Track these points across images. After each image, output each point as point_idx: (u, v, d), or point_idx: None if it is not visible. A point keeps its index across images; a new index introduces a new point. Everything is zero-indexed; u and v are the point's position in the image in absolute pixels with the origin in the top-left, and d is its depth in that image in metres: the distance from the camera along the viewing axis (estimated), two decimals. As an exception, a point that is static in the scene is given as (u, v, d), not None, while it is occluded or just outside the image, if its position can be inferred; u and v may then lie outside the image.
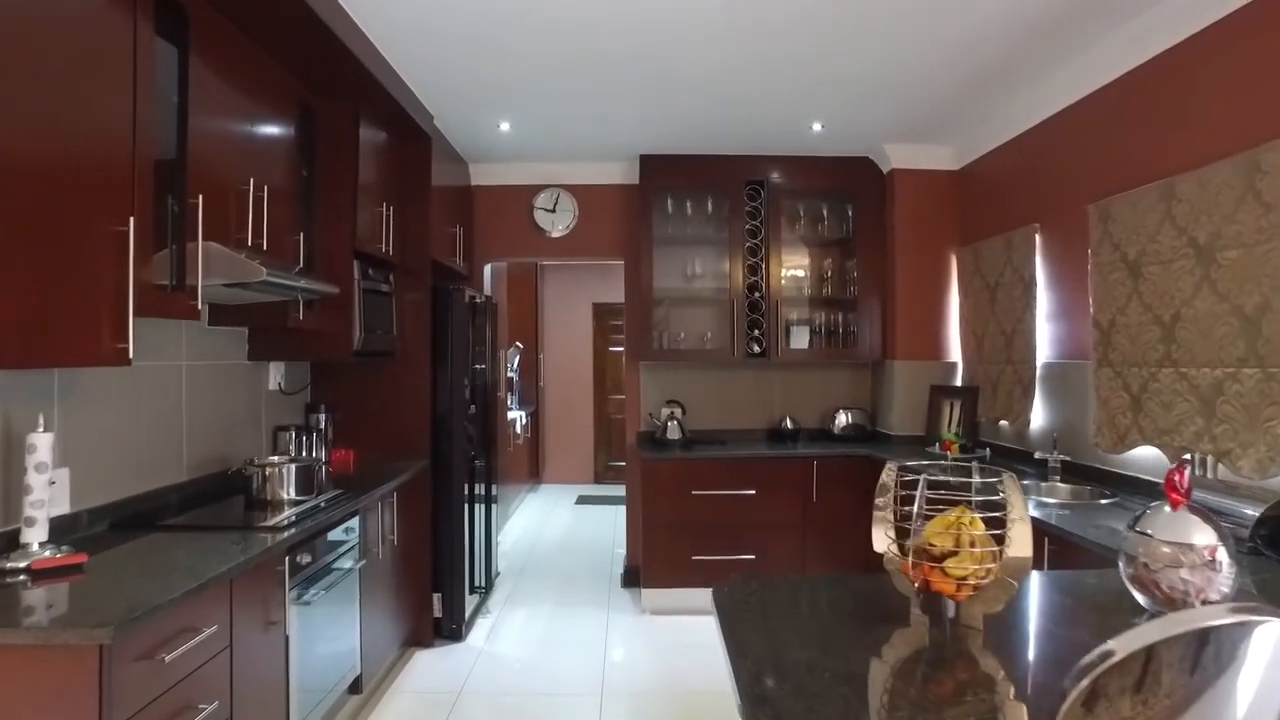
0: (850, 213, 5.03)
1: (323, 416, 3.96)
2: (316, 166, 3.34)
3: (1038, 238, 3.83)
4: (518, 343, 8.12)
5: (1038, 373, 3.83)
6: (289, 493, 2.83)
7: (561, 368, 9.35)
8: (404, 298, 4.04)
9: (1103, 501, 3.00)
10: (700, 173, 4.94)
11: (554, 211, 5.20)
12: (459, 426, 4.17)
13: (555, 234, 5.22)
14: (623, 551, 5.43)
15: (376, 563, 3.28)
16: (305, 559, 2.54)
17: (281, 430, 3.61)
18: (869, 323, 4.95)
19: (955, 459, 3.91)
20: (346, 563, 2.94)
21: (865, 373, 5.27)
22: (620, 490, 8.67)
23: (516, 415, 7.43)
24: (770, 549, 4.58)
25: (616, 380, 9.35)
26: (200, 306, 2.32)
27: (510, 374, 7.86)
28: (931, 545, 1.59)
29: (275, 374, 3.63)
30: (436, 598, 4.13)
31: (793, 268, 5.14)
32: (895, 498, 1.74)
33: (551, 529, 7.03)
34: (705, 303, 5.16)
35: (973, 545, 1.56)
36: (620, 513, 7.55)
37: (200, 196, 2.31)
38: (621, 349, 9.44)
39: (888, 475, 1.77)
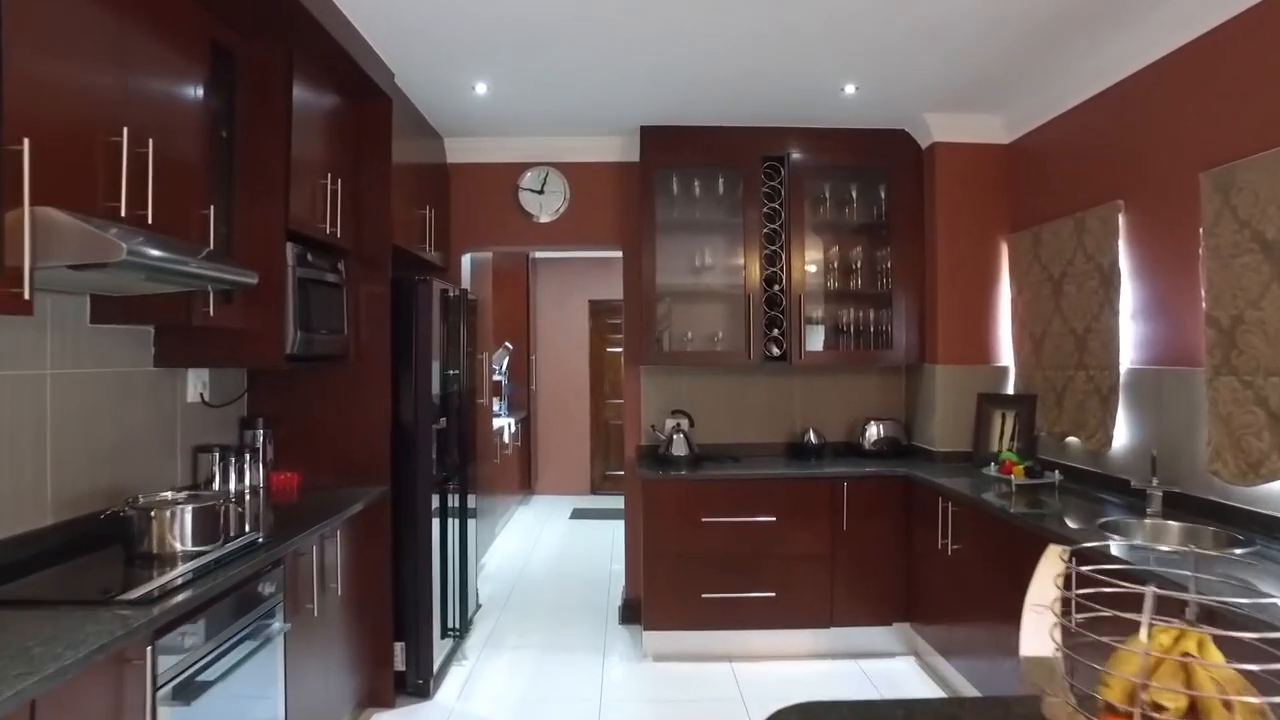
0: (883, 194, 4.37)
1: (260, 434, 3.30)
2: (237, 126, 2.68)
3: (1121, 218, 3.17)
4: (507, 343, 7.46)
5: (1121, 380, 3.17)
6: (183, 541, 2.16)
7: (555, 370, 8.69)
8: (359, 291, 3.38)
9: (1237, 551, 2.34)
10: (710, 147, 4.28)
11: (542, 193, 4.53)
12: (425, 443, 3.50)
13: (544, 219, 4.56)
14: (620, 568, 4.76)
15: (312, 621, 2.61)
16: (190, 639, 1.88)
17: (203, 452, 2.95)
18: (904, 321, 4.29)
19: (1019, 483, 3.26)
20: (267, 626, 2.28)
21: (898, 378, 4.61)
22: (618, 503, 8.02)
23: (505, 422, 6.77)
24: (794, 586, 3.92)
25: (615, 384, 8.70)
26: (28, 296, 1.66)
27: (498, 377, 7.20)
28: (1158, 713, 0.91)
29: (195, 383, 2.97)
30: (399, 648, 3.47)
31: (817, 258, 4.48)
32: (1067, 599, 1.07)
33: (543, 549, 6.37)
34: (716, 298, 4.50)
35: (1228, 707, 0.89)
36: (618, 529, 6.90)
37: (26, 142, 1.65)
38: (620, 350, 8.80)
39: (1056, 561, 1.10)
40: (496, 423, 6.44)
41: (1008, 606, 2.87)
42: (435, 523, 3.67)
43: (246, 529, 2.46)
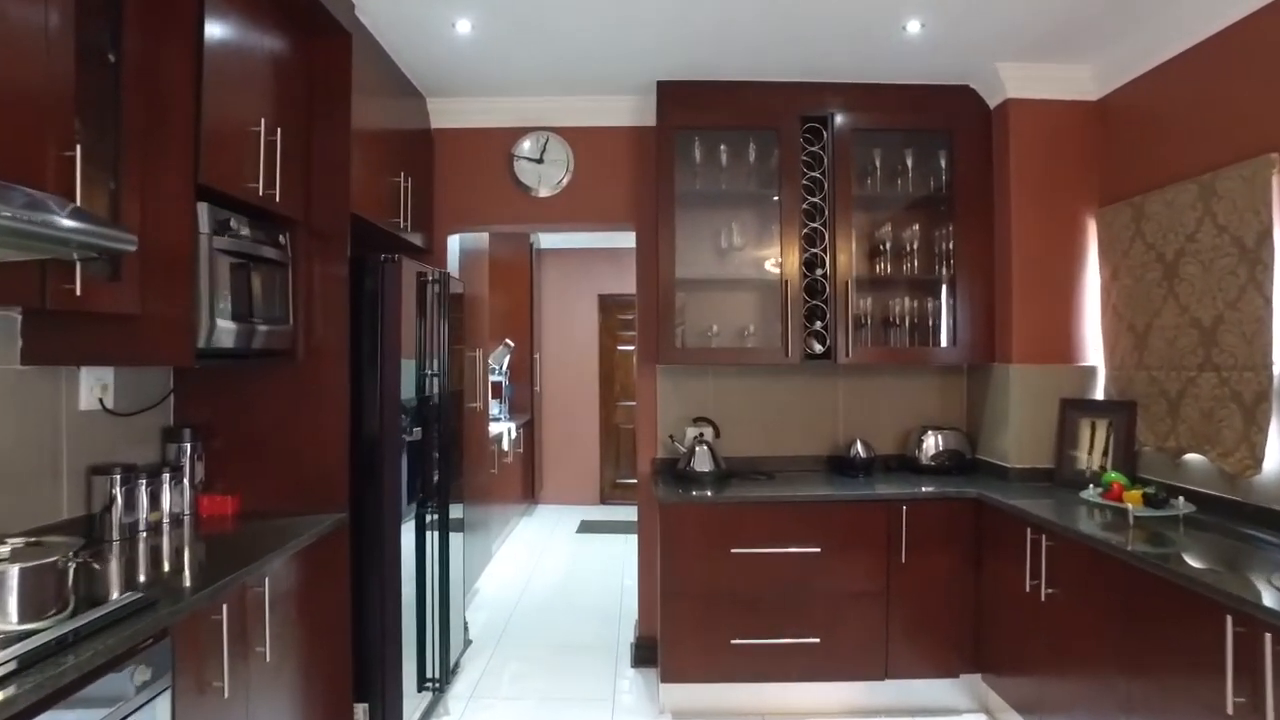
0: (943, 162, 3.69)
1: (187, 448, 2.66)
2: (126, 48, 2.03)
3: (1276, 178, 2.48)
4: (508, 340, 6.81)
5: (1275, 385, 2.49)
6: (8, 615, 1.51)
7: (561, 370, 8.04)
8: (310, 271, 2.73)
9: None
10: (740, 106, 3.61)
11: (541, 162, 3.88)
12: (394, 458, 2.86)
13: (543, 193, 3.90)
14: (633, 587, 4.09)
15: (222, 704, 1.96)
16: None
17: (99, 474, 2.31)
18: (969, 313, 3.61)
19: (1139, 513, 2.58)
20: (142, 726, 1.63)
21: (959, 380, 3.93)
22: (629, 514, 7.35)
23: (505, 428, 6.13)
24: (841, 629, 3.25)
25: (626, 385, 8.04)
26: None
27: (498, 378, 6.56)
28: None
29: (92, 385, 2.33)
30: (360, 710, 2.82)
31: (865, 238, 3.80)
32: None
33: (545, 569, 5.71)
34: (746, 286, 3.84)
35: None
36: (630, 544, 6.24)
37: None
38: (632, 348, 8.15)
39: None
40: (494, 428, 5.79)
41: (1128, 667, 2.20)
42: (411, 553, 3.03)
43: (131, 585, 1.81)
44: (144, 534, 2.39)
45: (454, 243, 4.11)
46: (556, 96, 3.82)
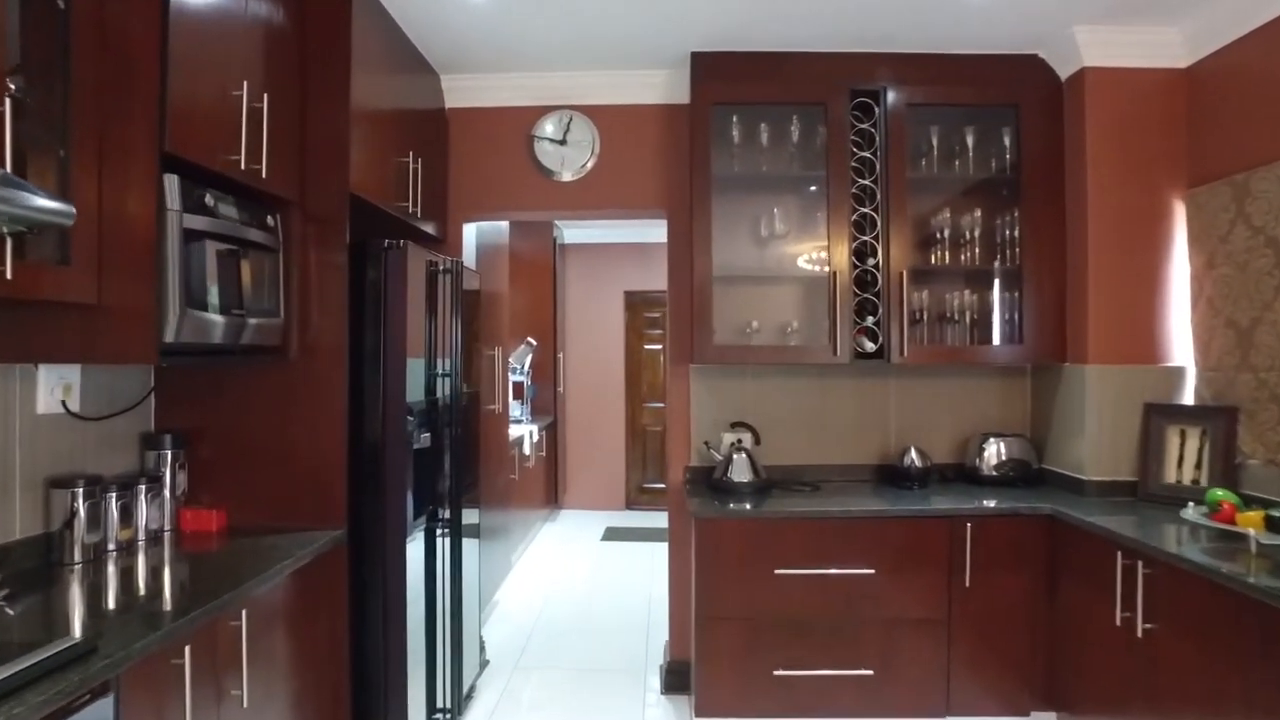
0: (1008, 141, 3.33)
1: (168, 456, 2.37)
2: (80, -8, 1.74)
3: None
4: (530, 338, 6.52)
5: None
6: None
7: (586, 370, 7.74)
8: (305, 258, 2.44)
9: None
10: (783, 79, 3.27)
11: (564, 144, 3.56)
12: (399, 468, 2.56)
13: (566, 177, 3.58)
14: (662, 596, 3.76)
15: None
16: None
17: (59, 488, 2.02)
18: (1037, 307, 3.25)
19: (1263, 540, 2.21)
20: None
21: (1022, 382, 3.56)
22: (657, 520, 7.04)
23: (526, 431, 5.83)
24: (898, 660, 2.90)
25: (654, 385, 7.73)
26: None
27: (519, 378, 6.27)
28: None
29: (53, 385, 2.04)
30: (361, 750, 2.53)
31: (920, 225, 3.45)
32: None
33: (568, 580, 5.40)
34: (788, 278, 3.50)
35: None
36: (658, 553, 5.92)
37: None
38: (660, 347, 7.82)
39: None
40: (515, 431, 5.49)
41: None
42: (419, 570, 2.73)
43: (82, 621, 1.52)
44: (113, 554, 2.11)
45: (470, 234, 3.81)
46: (581, 71, 3.50)
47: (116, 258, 1.77)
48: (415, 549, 2.71)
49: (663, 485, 7.90)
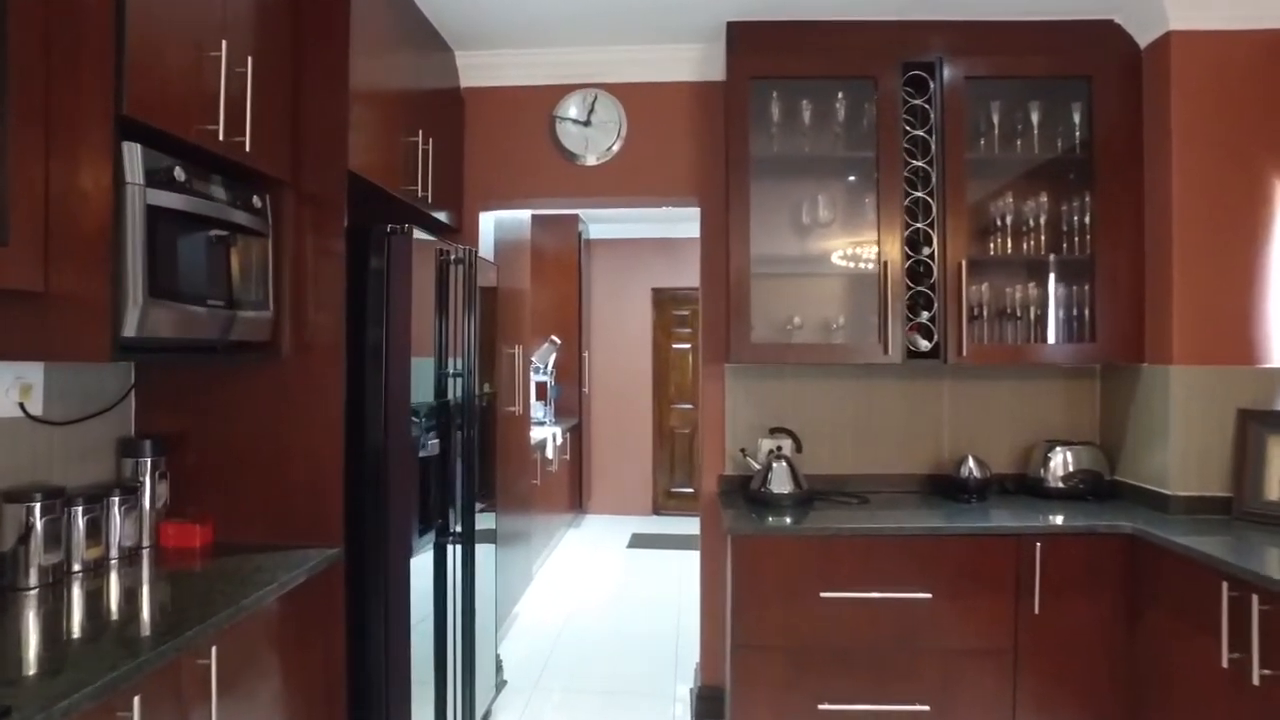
0: (1078, 116, 3.00)
1: (148, 464, 2.14)
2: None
3: None
4: (554, 337, 6.27)
5: None
6: None
7: (612, 369, 7.47)
8: (299, 244, 2.19)
9: None
10: (829, 51, 2.98)
11: (588, 125, 3.30)
12: (405, 478, 2.30)
13: (590, 161, 3.32)
14: (690, 607, 3.49)
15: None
16: None
17: (13, 503, 1.79)
18: (1112, 301, 2.92)
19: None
20: None
21: (1090, 384, 3.23)
22: (685, 526, 6.77)
23: (549, 433, 5.57)
24: (957, 696, 2.60)
25: (682, 385, 7.46)
26: None
27: (542, 377, 6.02)
28: None
29: (9, 385, 1.81)
30: (361, 791, 2.27)
31: (978, 211, 3.13)
32: None
33: (593, 592, 5.13)
34: (833, 270, 3.20)
35: None
36: (687, 562, 5.65)
37: None
38: (688, 346, 7.54)
39: None
40: (537, 433, 5.24)
41: None
42: (428, 588, 2.49)
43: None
44: (78, 576, 1.87)
45: (487, 226, 3.56)
46: (606, 47, 3.23)
47: (66, 238, 1.53)
48: (423, 565, 2.46)
49: (691, 490, 7.62)
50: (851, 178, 3.16)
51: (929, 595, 2.59)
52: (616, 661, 3.95)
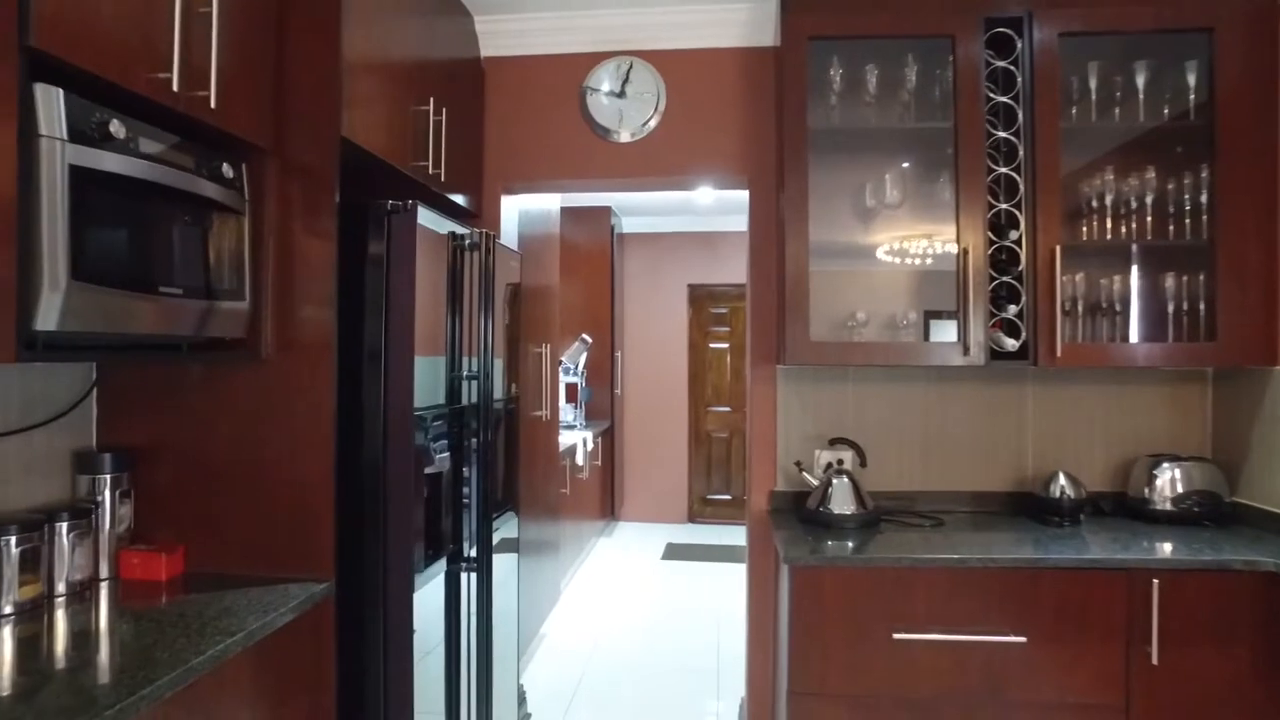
0: (1193, 78, 2.58)
1: (107, 481, 1.82)
2: None
3: None
4: (584, 335, 5.93)
5: None
6: None
7: (646, 370, 7.11)
8: (283, 223, 1.86)
9: None
10: (897, 8, 2.58)
11: (623, 97, 2.94)
12: (406, 500, 1.96)
13: (625, 137, 2.96)
14: (730, 624, 3.12)
15: None
16: None
17: (-72, 530, 1.47)
18: (1237, 294, 2.49)
19: None
20: None
21: (1198, 389, 2.81)
22: (724, 536, 6.41)
23: (580, 438, 5.23)
24: (1058, 760, 2.20)
25: (720, 387, 7.09)
26: None
27: (572, 378, 5.68)
28: None
29: (-75, 392, 1.50)
30: None
31: (1069, 189, 2.71)
32: None
33: (626, 609, 4.77)
34: (901, 260, 2.81)
35: None
36: (728, 576, 5.29)
37: None
38: (725, 345, 7.16)
39: None
40: (566, 438, 4.89)
41: None
42: (439, 619, 2.15)
43: None
44: (9, 620, 1.55)
45: (510, 215, 3.23)
46: (643, 8, 2.87)
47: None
48: (431, 595, 2.12)
49: (728, 497, 7.25)
50: (924, 152, 2.76)
51: (1023, 639, 2.20)
52: (653, 688, 3.59)
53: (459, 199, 2.74)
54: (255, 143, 1.78)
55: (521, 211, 3.60)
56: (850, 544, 2.39)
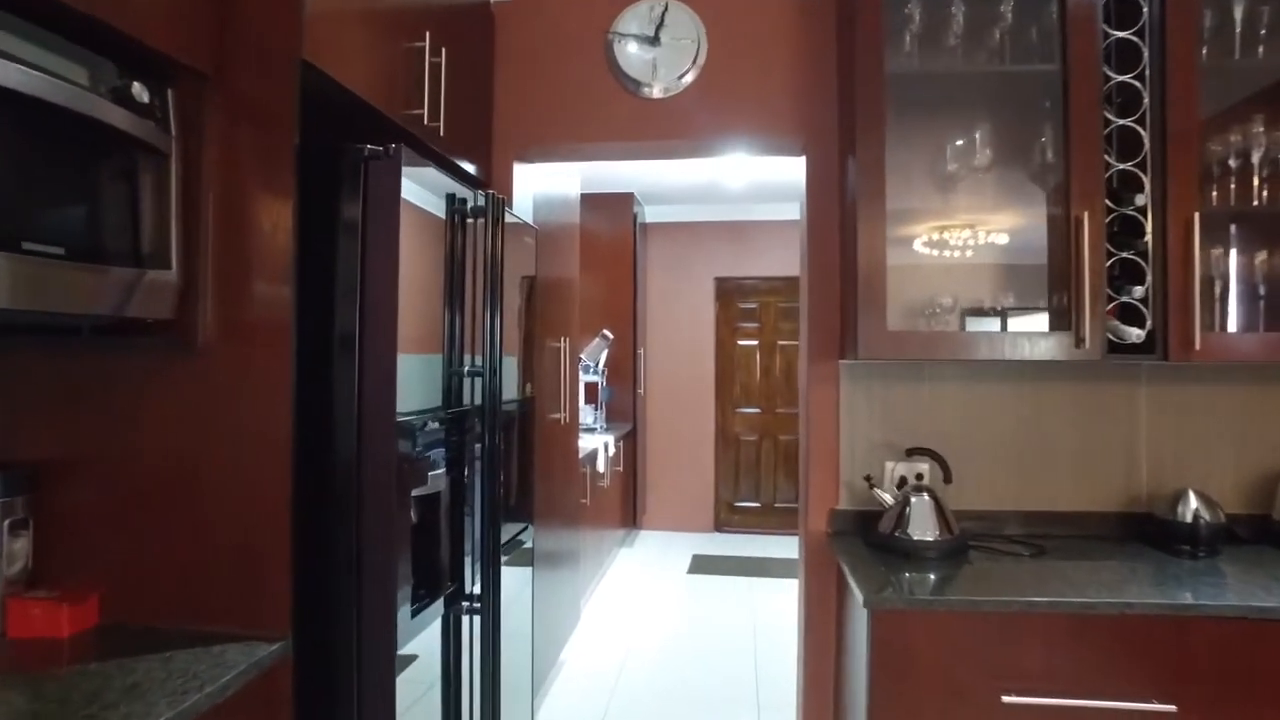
0: (1358, 9, 2.10)
1: (-2, 506, 1.39)
2: None
3: None
4: (605, 331, 5.49)
5: None
6: None
7: (670, 369, 6.67)
8: (227, 171, 1.43)
9: None
10: (994, -78, 2.13)
11: (656, 44, 2.49)
12: (384, 533, 1.52)
13: (657, 93, 2.51)
14: (770, 658, 2.67)
15: None
16: None
17: None
18: None
19: None
20: None
21: (1354, 390, 2.33)
22: (753, 546, 5.95)
23: (601, 442, 4.79)
24: None
25: (749, 387, 6.65)
26: None
27: (592, 377, 5.24)
28: None
29: None
30: None
31: (1208, 145, 2.23)
32: None
33: (652, 629, 4.32)
34: (990, 234, 2.35)
35: None
36: (759, 589, 4.84)
37: None
38: (754, 342, 6.70)
39: None
40: (586, 443, 4.46)
41: None
42: (434, 669, 1.71)
43: None
44: None
45: (525, 197, 2.80)
46: (680, -63, 2.43)
47: None
48: (425, 643, 1.69)
49: (757, 503, 6.79)
50: (1018, 103, 2.30)
51: (1172, 708, 1.73)
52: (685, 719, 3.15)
53: (464, 165, 2.31)
54: (188, 63, 1.35)
55: (538, 197, 3.18)
56: (934, 576, 1.95)
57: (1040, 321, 2.18)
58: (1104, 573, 1.95)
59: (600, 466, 4.71)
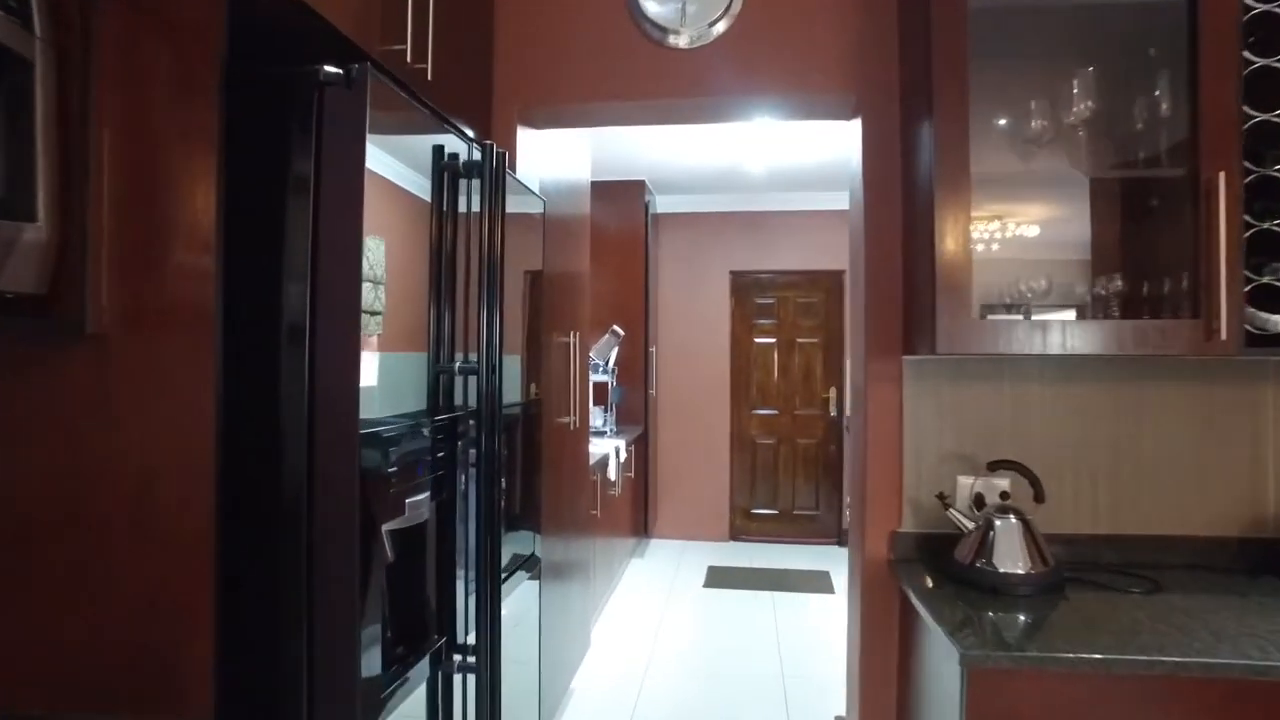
0: None
1: None
2: None
3: None
4: (616, 327, 5.11)
5: None
6: None
7: (683, 368, 6.29)
8: (130, 99, 1.06)
9: None
10: None
11: (684, -17, 2.12)
12: (347, 566, 1.15)
13: (683, 42, 2.14)
14: (802, 684, 2.29)
15: None
16: None
17: None
18: None
19: None
20: None
21: None
22: (771, 557, 5.56)
23: (613, 447, 4.42)
24: None
25: (766, 387, 6.28)
26: None
27: (602, 376, 4.87)
28: None
29: None
30: None
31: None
32: None
33: (668, 652, 3.94)
34: (1099, 200, 1.98)
35: None
36: (781, 605, 4.47)
37: None
38: (772, 340, 6.32)
39: None
40: (596, 448, 4.09)
41: None
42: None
43: None
44: None
45: (529, 172, 2.42)
46: None
47: None
48: (407, 716, 1.32)
49: (774, 510, 6.41)
50: (1126, 46, 1.92)
51: (1357, 800, 1.36)
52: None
53: (458, 124, 1.94)
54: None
55: (546, 181, 2.81)
56: (1031, 619, 1.58)
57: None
58: (1251, 617, 1.57)
59: (612, 474, 4.33)
